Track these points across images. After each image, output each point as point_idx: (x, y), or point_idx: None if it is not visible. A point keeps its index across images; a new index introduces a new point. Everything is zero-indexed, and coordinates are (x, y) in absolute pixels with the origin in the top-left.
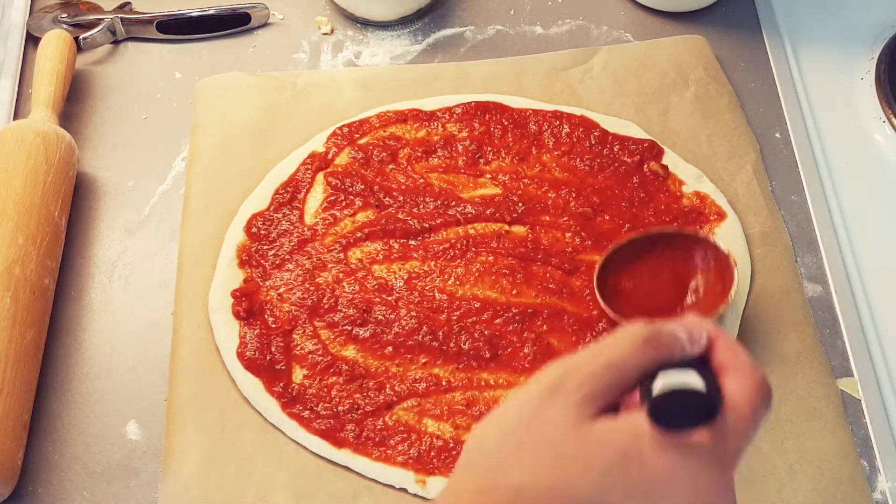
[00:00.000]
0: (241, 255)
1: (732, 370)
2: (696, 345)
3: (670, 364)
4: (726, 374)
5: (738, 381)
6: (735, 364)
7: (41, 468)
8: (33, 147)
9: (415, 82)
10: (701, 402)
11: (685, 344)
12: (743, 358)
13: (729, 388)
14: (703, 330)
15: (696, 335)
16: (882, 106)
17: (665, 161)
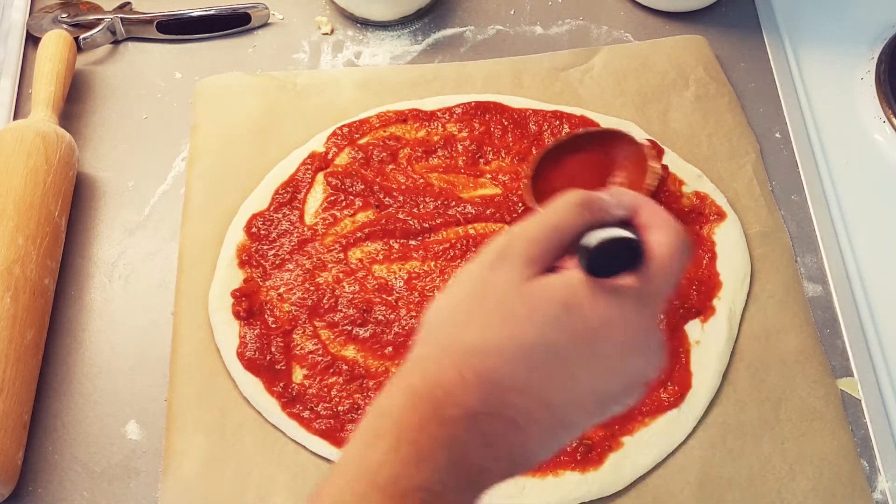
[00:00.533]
0: (241, 255)
1: (654, 227)
2: (622, 208)
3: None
4: (649, 230)
5: (659, 235)
6: (656, 222)
7: (41, 468)
8: (33, 147)
9: (415, 82)
10: (628, 252)
11: (613, 207)
12: (664, 216)
13: (651, 240)
14: (628, 196)
15: (622, 200)
16: (882, 106)
17: (665, 161)
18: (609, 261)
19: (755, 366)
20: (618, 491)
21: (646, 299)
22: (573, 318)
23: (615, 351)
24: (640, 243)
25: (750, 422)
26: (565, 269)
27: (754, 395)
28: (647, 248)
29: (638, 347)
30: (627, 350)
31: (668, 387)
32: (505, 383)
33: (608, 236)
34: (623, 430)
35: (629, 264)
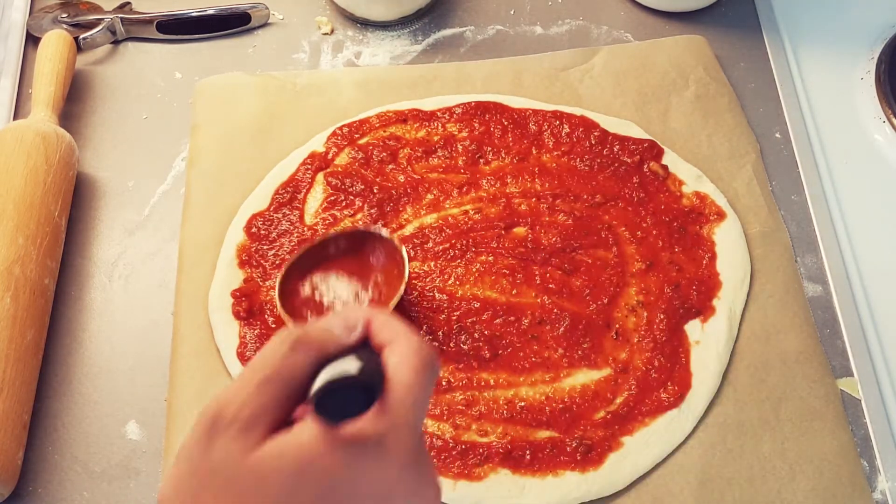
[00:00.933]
0: (241, 255)
1: (390, 344)
2: (353, 333)
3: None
4: (386, 349)
5: (395, 354)
6: (391, 337)
7: (41, 468)
8: (33, 147)
9: (415, 82)
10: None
11: (340, 335)
12: (398, 329)
13: (389, 362)
14: (357, 316)
15: (350, 323)
16: (882, 106)
17: (665, 161)
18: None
19: (755, 366)
20: (618, 491)
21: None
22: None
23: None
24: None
25: (750, 422)
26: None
27: (754, 395)
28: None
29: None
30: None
31: (668, 387)
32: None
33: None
34: (623, 430)
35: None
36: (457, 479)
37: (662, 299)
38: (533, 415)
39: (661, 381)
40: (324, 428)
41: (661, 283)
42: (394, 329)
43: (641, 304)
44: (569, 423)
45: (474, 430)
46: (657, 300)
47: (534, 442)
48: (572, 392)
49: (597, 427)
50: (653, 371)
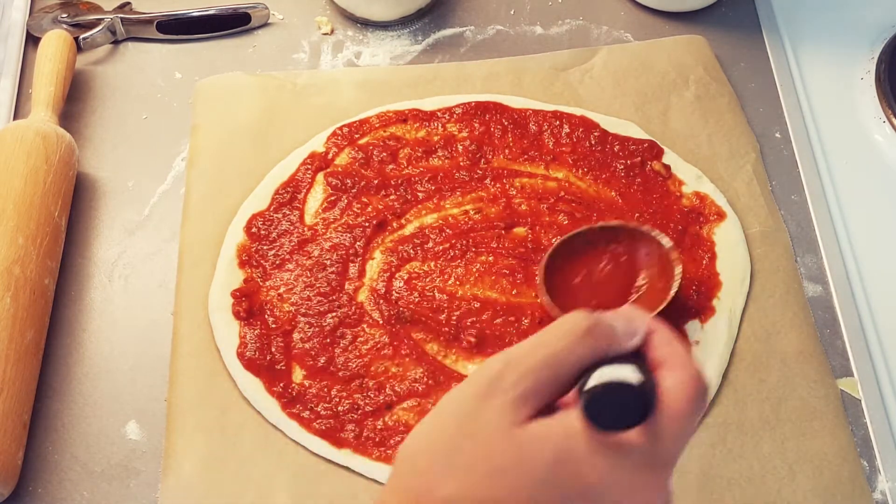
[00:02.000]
0: (242, 255)
1: (668, 365)
2: (633, 338)
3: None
4: (662, 368)
5: (673, 376)
6: (671, 359)
7: (41, 468)
8: (33, 147)
9: (415, 82)
10: (636, 399)
11: (623, 336)
12: (679, 352)
13: (665, 384)
14: (640, 323)
15: (633, 328)
16: (882, 106)
17: (665, 161)
18: (612, 408)
19: (755, 366)
20: None
21: (655, 459)
22: (565, 477)
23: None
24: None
25: (750, 422)
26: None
27: (754, 395)
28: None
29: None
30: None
31: None
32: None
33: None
34: None
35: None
36: None
37: None
38: None
39: None
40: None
41: None
42: (675, 350)
43: None
44: None
45: None
46: None
47: None
48: None
49: None
50: None
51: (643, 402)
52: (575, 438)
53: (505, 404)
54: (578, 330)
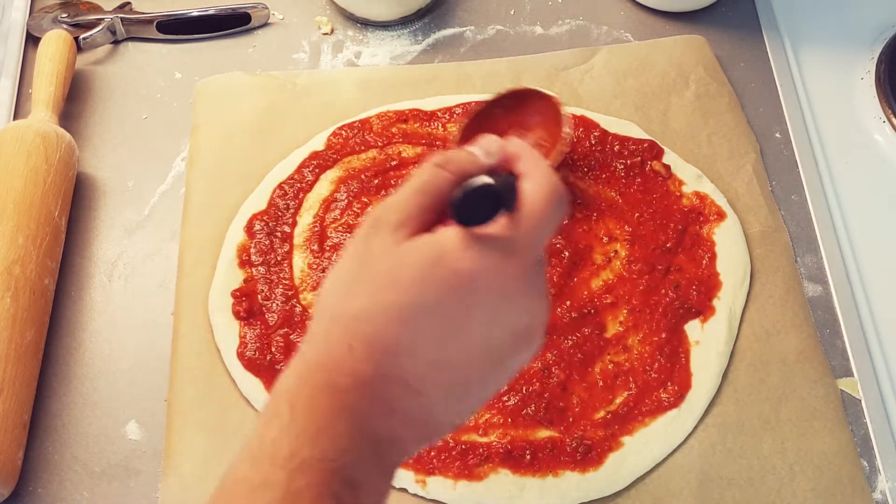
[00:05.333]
0: (242, 255)
1: (529, 175)
2: (490, 156)
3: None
4: (524, 177)
5: (532, 181)
6: (531, 170)
7: (41, 468)
8: (33, 147)
9: (415, 82)
10: (495, 197)
11: (480, 159)
12: (539, 165)
13: (524, 187)
14: (497, 144)
15: (490, 148)
16: (882, 106)
17: (665, 161)
18: (478, 209)
19: (755, 366)
20: (618, 491)
21: (516, 245)
22: (443, 272)
23: (491, 299)
24: (505, 187)
25: (750, 422)
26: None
27: (754, 395)
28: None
29: (513, 294)
30: (503, 297)
31: (668, 387)
32: (392, 348)
33: (471, 184)
34: (623, 430)
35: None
36: (457, 479)
37: (662, 299)
38: (532, 414)
39: (661, 381)
40: (460, 229)
41: (661, 283)
42: (536, 164)
43: (642, 304)
44: (569, 423)
45: (473, 427)
46: (657, 300)
47: (534, 442)
48: (571, 392)
49: (597, 427)
50: (653, 371)
51: (501, 198)
52: (449, 240)
53: (387, 233)
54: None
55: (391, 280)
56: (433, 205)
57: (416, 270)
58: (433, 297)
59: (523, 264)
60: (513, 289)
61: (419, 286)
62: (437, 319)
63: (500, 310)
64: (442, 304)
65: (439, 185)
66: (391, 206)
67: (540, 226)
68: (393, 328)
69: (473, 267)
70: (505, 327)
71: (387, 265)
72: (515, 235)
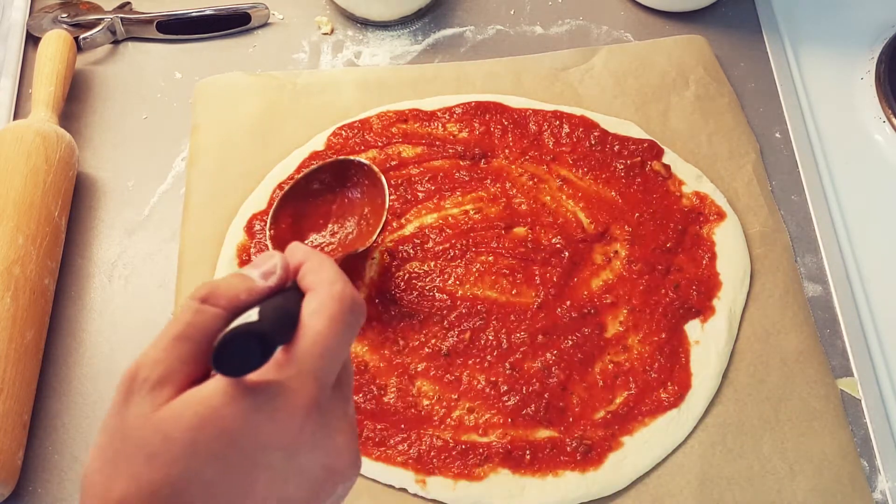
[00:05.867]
0: (242, 255)
1: (312, 290)
2: (269, 276)
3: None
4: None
5: (313, 301)
6: (315, 284)
7: (41, 468)
8: (33, 147)
9: (415, 82)
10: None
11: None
12: (324, 275)
13: (305, 310)
14: (275, 261)
15: (268, 268)
16: (882, 106)
17: (665, 161)
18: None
19: (755, 366)
20: (618, 491)
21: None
22: (210, 436)
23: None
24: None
25: (750, 422)
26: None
27: (754, 395)
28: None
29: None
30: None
31: (668, 387)
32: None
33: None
34: (623, 430)
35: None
36: (457, 479)
37: (662, 299)
38: (532, 414)
39: (661, 381)
40: (224, 380)
41: (661, 283)
42: (320, 274)
43: (642, 304)
44: (569, 423)
45: (473, 427)
46: (657, 300)
47: (534, 442)
48: (571, 392)
49: (597, 427)
50: (652, 371)
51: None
52: (214, 397)
53: (143, 397)
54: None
55: (153, 455)
56: (199, 351)
57: (178, 441)
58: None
59: (308, 403)
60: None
61: (185, 460)
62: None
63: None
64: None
65: (205, 325)
66: (147, 361)
67: (324, 351)
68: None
69: (246, 424)
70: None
71: (146, 438)
72: (294, 372)
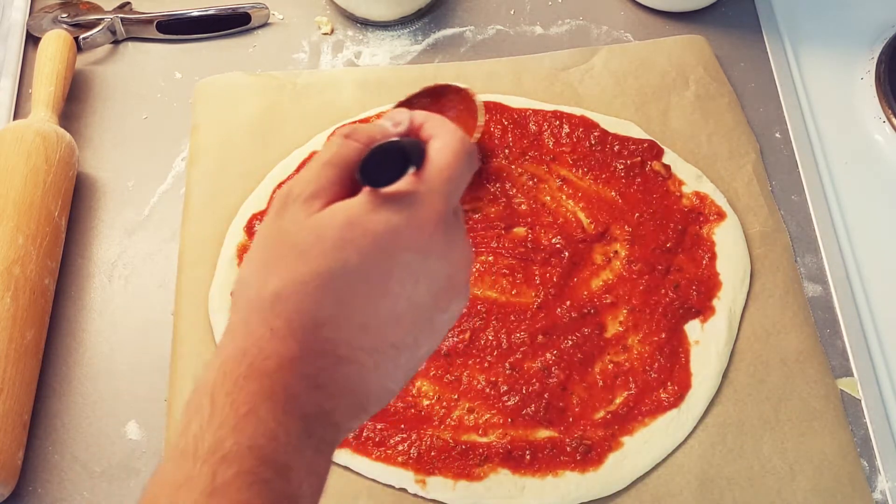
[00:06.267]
0: (242, 255)
1: (436, 135)
2: (399, 126)
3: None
4: (432, 139)
5: (440, 140)
6: (439, 130)
7: (41, 468)
8: (33, 147)
9: (415, 82)
10: (402, 156)
11: (388, 128)
12: (447, 125)
13: (432, 146)
14: (404, 115)
15: (396, 118)
16: (882, 106)
17: (665, 161)
18: (385, 170)
19: (755, 366)
20: (618, 491)
21: (427, 198)
22: (357, 236)
23: (409, 257)
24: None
25: (750, 421)
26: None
27: (754, 395)
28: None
29: (431, 247)
30: (421, 253)
31: (667, 387)
32: (315, 320)
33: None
34: (623, 430)
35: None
36: (457, 479)
37: (662, 299)
38: (532, 414)
39: (661, 381)
40: (370, 191)
41: (661, 283)
42: (443, 125)
43: (642, 304)
44: (569, 423)
45: (473, 427)
46: (657, 300)
47: (534, 442)
48: (571, 392)
49: (597, 427)
50: (652, 371)
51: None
52: (360, 204)
53: (297, 207)
54: (339, 136)
55: (306, 251)
56: (344, 176)
57: (329, 238)
58: (350, 261)
59: (438, 216)
60: (429, 242)
61: (335, 252)
62: (357, 283)
63: (420, 266)
64: (360, 267)
65: (348, 155)
66: (300, 181)
67: (450, 176)
68: (312, 299)
69: (387, 227)
70: (427, 282)
71: (300, 238)
72: (425, 189)
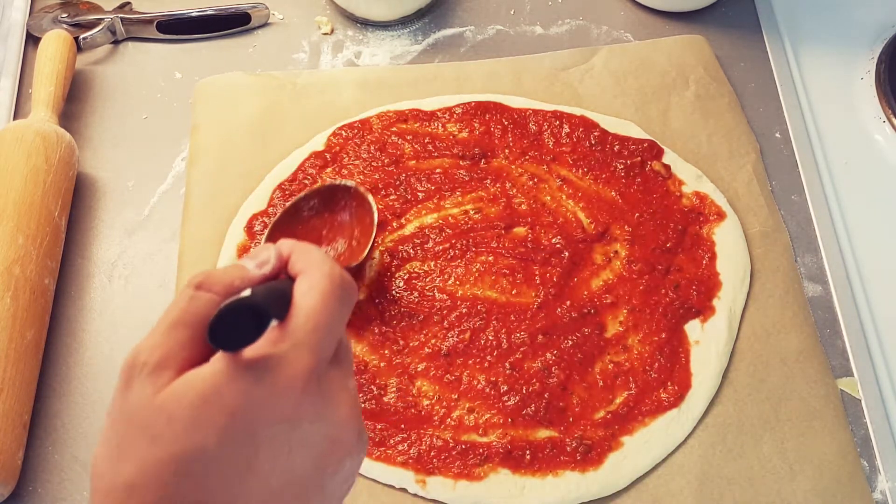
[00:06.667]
0: (242, 255)
1: (303, 272)
2: (264, 266)
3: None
4: (299, 277)
5: (305, 281)
6: (305, 266)
7: (41, 468)
8: (33, 147)
9: (415, 82)
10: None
11: (249, 271)
12: (313, 258)
13: (298, 288)
14: (268, 252)
15: (262, 258)
16: (882, 106)
17: (665, 161)
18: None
19: (755, 366)
20: (618, 491)
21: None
22: (213, 413)
23: (277, 429)
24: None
25: (750, 421)
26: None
27: (754, 395)
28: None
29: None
30: (288, 420)
31: (667, 387)
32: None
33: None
34: (623, 430)
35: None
36: (457, 479)
37: (662, 299)
38: (532, 414)
39: (661, 381)
40: (225, 357)
41: (661, 283)
42: (309, 258)
43: (642, 304)
44: (569, 423)
45: (473, 427)
46: (657, 300)
47: (534, 442)
48: (571, 392)
49: (597, 427)
50: (652, 371)
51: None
52: (214, 375)
53: (143, 381)
54: (190, 288)
55: (157, 435)
56: (196, 336)
57: (180, 419)
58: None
59: (306, 374)
60: (298, 408)
61: (189, 435)
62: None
63: (290, 435)
64: (220, 450)
65: (200, 310)
66: (146, 346)
67: (318, 324)
68: (172, 488)
69: (246, 400)
70: (304, 451)
71: (150, 419)
72: (289, 345)
